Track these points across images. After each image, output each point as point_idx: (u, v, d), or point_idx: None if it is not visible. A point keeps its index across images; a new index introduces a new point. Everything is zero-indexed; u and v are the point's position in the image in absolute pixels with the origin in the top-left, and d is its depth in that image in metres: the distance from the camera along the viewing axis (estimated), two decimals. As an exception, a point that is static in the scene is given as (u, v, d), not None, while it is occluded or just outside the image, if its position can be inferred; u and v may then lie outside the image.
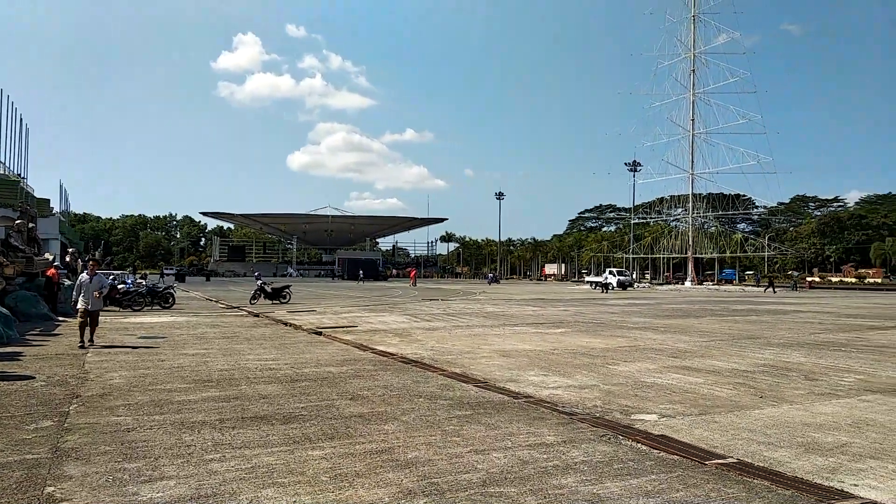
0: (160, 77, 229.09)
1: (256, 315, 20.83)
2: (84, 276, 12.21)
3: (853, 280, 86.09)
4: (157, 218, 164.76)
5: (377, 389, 7.95)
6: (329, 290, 46.52)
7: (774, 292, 54.75)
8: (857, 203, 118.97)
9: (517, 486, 4.36)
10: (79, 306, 11.92)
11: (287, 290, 28.14)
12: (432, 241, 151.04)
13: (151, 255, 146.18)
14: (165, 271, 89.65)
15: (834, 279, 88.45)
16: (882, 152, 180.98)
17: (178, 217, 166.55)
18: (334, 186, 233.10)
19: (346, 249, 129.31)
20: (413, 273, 69.81)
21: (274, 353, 11.52)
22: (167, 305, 23.70)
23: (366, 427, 5.99)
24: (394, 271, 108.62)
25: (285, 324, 17.65)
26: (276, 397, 7.40)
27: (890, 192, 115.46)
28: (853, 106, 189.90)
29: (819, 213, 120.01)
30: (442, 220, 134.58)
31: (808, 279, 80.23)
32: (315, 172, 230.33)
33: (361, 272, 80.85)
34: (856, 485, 4.50)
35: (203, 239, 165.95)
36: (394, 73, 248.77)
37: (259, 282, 28.18)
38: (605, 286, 54.47)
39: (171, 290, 24.93)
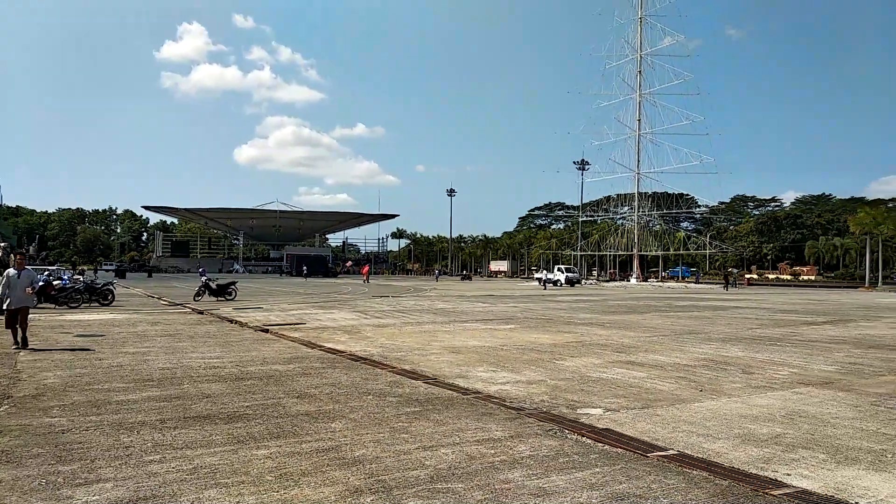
0: (101, 65, 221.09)
1: (200, 312, 20.32)
2: (11, 270, 11.36)
3: (788, 277, 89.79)
4: (97, 212, 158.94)
5: (325, 387, 7.86)
6: (277, 287, 45.79)
7: (735, 287, 56.74)
8: (792, 203, 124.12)
9: (465, 481, 4.38)
10: (4, 305, 11.17)
11: (233, 287, 27.56)
12: (383, 238, 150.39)
13: (90, 251, 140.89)
14: (105, 267, 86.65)
15: (771, 276, 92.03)
16: (816, 154, 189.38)
17: (119, 211, 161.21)
18: (283, 181, 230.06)
19: (295, 245, 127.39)
20: (366, 269, 69.38)
21: (218, 351, 11.26)
22: (106, 303, 22.89)
23: (313, 425, 5.92)
24: (349, 263, 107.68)
25: (231, 321, 17.28)
26: (220, 396, 7.23)
27: (823, 193, 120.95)
28: (790, 110, 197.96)
29: (757, 213, 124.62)
30: (393, 216, 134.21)
31: (747, 276, 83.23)
32: (263, 167, 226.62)
33: (305, 268, 79.72)
34: (788, 474, 4.69)
35: (145, 234, 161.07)
36: (345, 67, 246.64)
37: (204, 278, 27.50)
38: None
39: (111, 287, 24.08)
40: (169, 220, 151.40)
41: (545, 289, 49.19)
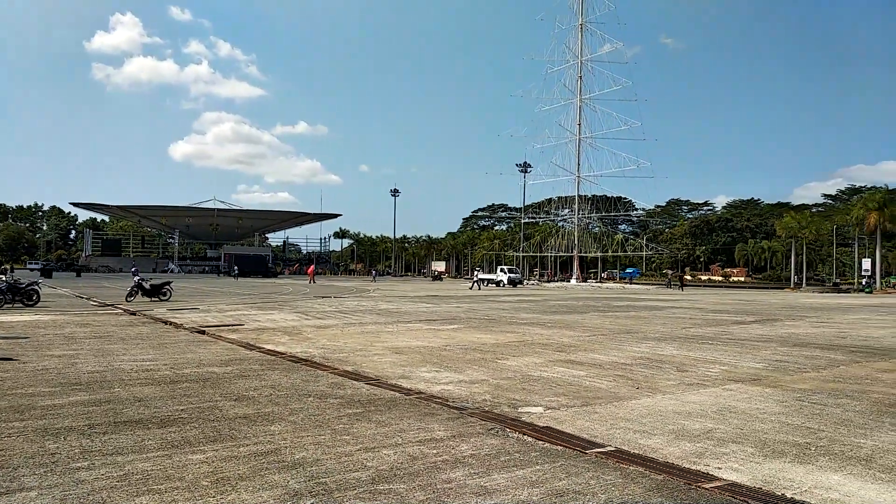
0: (26, 55, 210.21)
1: (133, 313, 19.59)
2: None
3: (720, 278, 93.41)
4: (20, 208, 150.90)
5: (264, 389, 7.69)
6: (214, 287, 44.62)
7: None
8: (724, 207, 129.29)
9: (406, 482, 4.36)
10: None
11: (167, 287, 26.68)
12: (325, 238, 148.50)
13: (13, 248, 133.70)
14: (29, 266, 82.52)
15: (703, 278, 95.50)
16: (746, 160, 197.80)
17: (45, 208, 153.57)
18: (221, 179, 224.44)
19: (234, 245, 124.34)
20: (311, 269, 68.43)
21: (152, 353, 10.87)
22: (31, 303, 21.76)
23: (251, 428, 5.78)
24: (296, 265, 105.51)
25: (165, 322, 16.72)
26: (153, 400, 6.98)
27: (752, 198, 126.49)
28: (721, 118, 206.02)
29: (691, 216, 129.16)
30: (336, 215, 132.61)
31: (678, 275, 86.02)
32: (200, 164, 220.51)
33: (236, 268, 77.84)
34: (719, 468, 4.86)
35: (73, 232, 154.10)
36: (286, 64, 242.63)
37: (136, 278, 26.52)
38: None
39: (36, 287, 22.91)
40: (99, 217, 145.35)
41: (478, 289, 49.40)
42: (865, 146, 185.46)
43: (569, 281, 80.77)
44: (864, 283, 65.59)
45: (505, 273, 63.77)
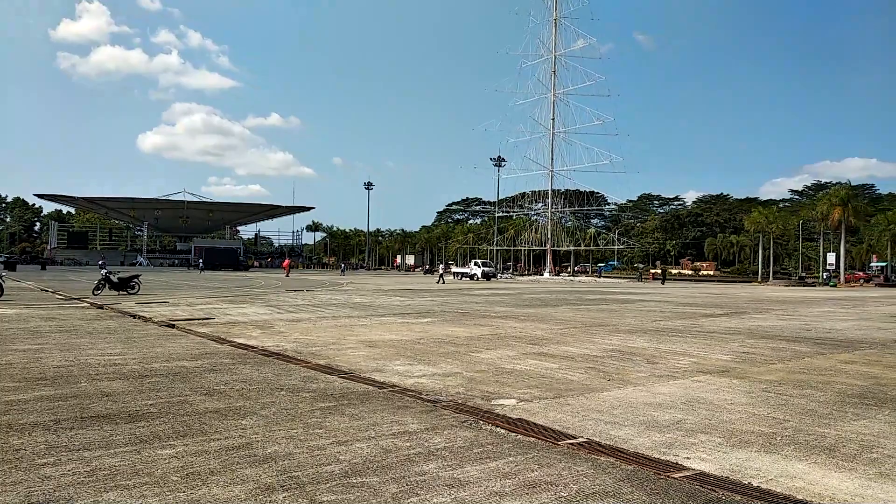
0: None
1: (100, 307, 19.22)
2: None
3: (690, 272, 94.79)
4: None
5: (235, 383, 7.61)
6: (184, 281, 43.99)
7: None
8: (694, 202, 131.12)
9: (379, 474, 4.35)
10: None
11: (136, 280, 26.22)
12: (298, 231, 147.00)
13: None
14: None
15: (674, 271, 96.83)
16: (716, 156, 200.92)
17: (8, 199, 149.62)
18: (191, 170, 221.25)
19: (204, 237, 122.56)
20: (287, 263, 67.94)
21: (120, 347, 10.68)
22: (-7, 297, 21.22)
23: (222, 423, 5.71)
24: (269, 259, 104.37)
25: (133, 316, 16.44)
26: (122, 394, 6.86)
27: (722, 193, 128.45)
28: (692, 114, 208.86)
29: (662, 211, 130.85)
30: (308, 208, 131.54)
31: (652, 271, 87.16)
32: (170, 155, 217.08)
33: (201, 260, 76.53)
34: (688, 458, 4.94)
35: (38, 224, 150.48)
36: (259, 55, 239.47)
37: (104, 271, 26.02)
38: (442, 276, 55.76)
39: (-1, 280, 22.34)
40: (65, 209, 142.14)
41: (443, 283, 49.26)
42: (831, 143, 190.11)
43: (542, 274, 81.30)
44: (825, 276, 67.38)
45: (479, 267, 63.96)
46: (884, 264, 75.59)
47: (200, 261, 76.01)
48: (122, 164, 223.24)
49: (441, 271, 58.91)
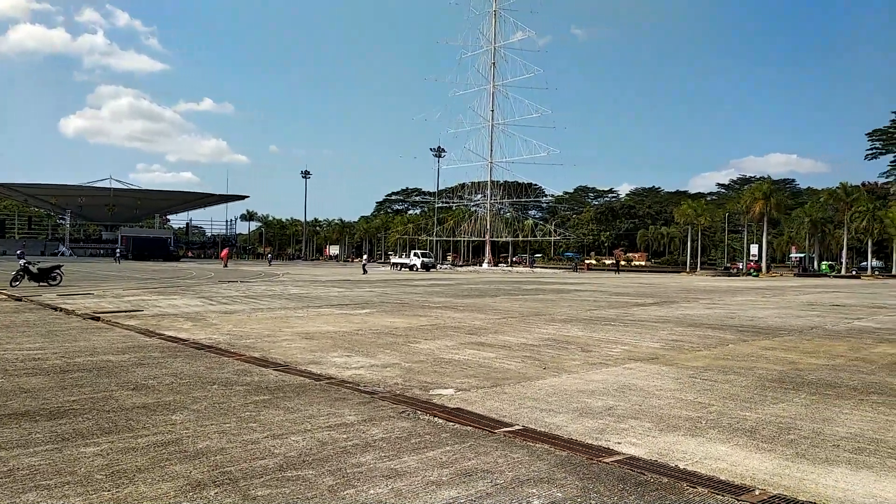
0: None
1: (18, 299, 18.22)
2: None
3: (623, 262, 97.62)
4: None
5: (164, 378, 7.36)
6: (111, 272, 42.24)
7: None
8: (627, 195, 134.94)
9: (315, 467, 4.30)
10: None
11: (58, 272, 24.98)
12: (232, 220, 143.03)
13: None
14: None
15: (608, 262, 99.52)
16: (648, 150, 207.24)
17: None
18: (118, 156, 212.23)
19: (132, 226, 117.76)
20: (225, 253, 66.24)
21: (40, 341, 10.16)
22: None
23: (150, 418, 5.52)
24: (202, 249, 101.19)
25: (55, 309, 15.66)
26: (42, 391, 6.52)
27: (653, 186, 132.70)
28: (626, 108, 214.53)
29: (597, 203, 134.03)
30: (243, 197, 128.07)
31: (587, 262, 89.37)
32: (95, 140, 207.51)
33: (118, 250, 73.47)
34: (619, 443, 5.09)
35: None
36: (190, 38, 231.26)
37: (22, 261, 24.64)
38: (363, 266, 54.81)
39: None
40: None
41: (366, 273, 48.73)
42: (755, 139, 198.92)
43: (481, 265, 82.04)
44: (740, 266, 70.94)
45: (418, 257, 64.02)
46: (802, 255, 79.87)
47: (117, 250, 72.68)
48: (43, 148, 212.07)
49: (364, 261, 58.13)
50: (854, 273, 71.20)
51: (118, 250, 72.49)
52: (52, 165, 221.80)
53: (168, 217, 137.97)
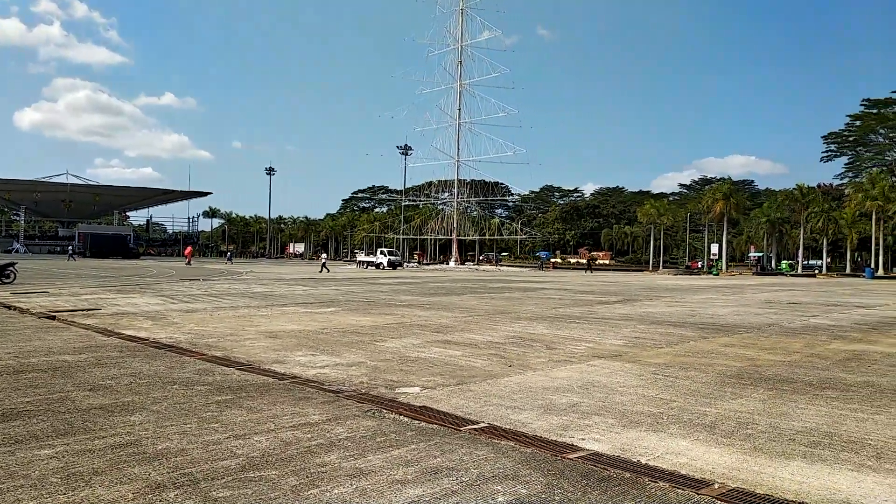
0: None
1: (-30, 297, 17.59)
2: None
3: (587, 261, 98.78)
4: None
5: (123, 378, 7.19)
6: (67, 269, 41.11)
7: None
8: (592, 194, 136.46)
9: (279, 468, 4.25)
10: None
11: (11, 269, 24.22)
12: (194, 217, 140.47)
13: None
14: None
15: (573, 261, 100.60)
16: (612, 150, 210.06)
17: None
18: (75, 151, 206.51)
19: (90, 223, 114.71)
20: (189, 251, 64.98)
21: (-8, 341, 9.83)
22: None
23: (108, 420, 5.38)
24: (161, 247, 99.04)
25: (8, 307, 15.17)
26: (-7, 392, 6.31)
27: (617, 186, 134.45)
28: (590, 109, 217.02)
29: (562, 202, 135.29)
30: (205, 193, 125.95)
31: (552, 260, 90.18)
32: (51, 134, 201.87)
33: (71, 247, 71.34)
34: (583, 439, 5.15)
35: None
36: (151, 30, 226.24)
37: (-26, 258, 23.84)
38: (322, 265, 52.24)
39: None
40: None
41: (327, 272, 47.39)
42: (716, 141, 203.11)
43: (447, 263, 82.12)
44: (701, 265, 72.61)
45: (385, 255, 63.77)
46: (760, 254, 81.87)
47: (70, 247, 70.43)
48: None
49: (324, 259, 56.84)
50: (815, 272, 73.21)
51: (71, 247, 70.18)
52: (5, 160, 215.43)
53: (128, 213, 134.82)
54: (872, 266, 66.02)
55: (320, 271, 47.25)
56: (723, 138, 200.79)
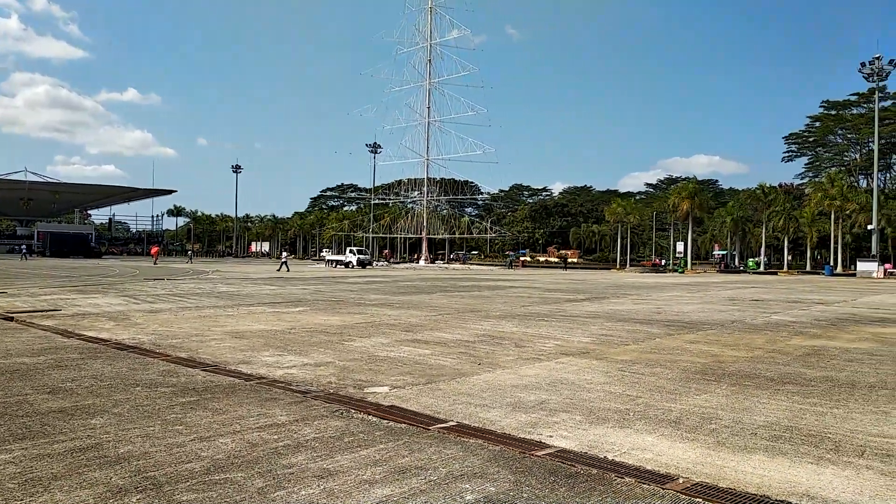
0: None
1: (-78, 298, 16.99)
2: None
3: (556, 260, 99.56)
4: None
5: (84, 380, 7.01)
6: (25, 269, 39.99)
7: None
8: (560, 193, 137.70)
9: (244, 470, 4.19)
10: None
11: (-32, 269, 23.48)
12: (158, 215, 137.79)
13: None
14: None
15: (541, 259, 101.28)
16: (580, 150, 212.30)
17: None
18: (34, 148, 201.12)
19: (50, 221, 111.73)
20: (155, 250, 63.79)
21: (-55, 343, 9.50)
22: None
23: (67, 423, 5.24)
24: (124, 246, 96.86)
25: (-36, 308, 14.69)
26: (-54, 397, 6.10)
27: (585, 185, 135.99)
28: (558, 108, 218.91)
29: (531, 201, 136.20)
30: (170, 191, 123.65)
31: (522, 259, 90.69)
32: (8, 130, 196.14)
33: (24, 247, 69.33)
34: (551, 436, 5.18)
35: None
36: (113, 24, 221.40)
37: (-73, 258, 23.04)
38: (283, 263, 50.74)
39: None
40: None
41: (287, 270, 46.35)
42: (681, 141, 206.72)
43: (417, 262, 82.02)
44: (664, 263, 73.97)
45: (354, 254, 63.43)
46: (724, 252, 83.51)
47: (24, 246, 68.25)
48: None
49: (284, 258, 55.79)
50: (776, 270, 74.96)
51: (23, 246, 67.96)
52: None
53: (89, 212, 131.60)
54: (831, 263, 67.78)
55: (279, 270, 46.45)
56: (688, 138, 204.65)
